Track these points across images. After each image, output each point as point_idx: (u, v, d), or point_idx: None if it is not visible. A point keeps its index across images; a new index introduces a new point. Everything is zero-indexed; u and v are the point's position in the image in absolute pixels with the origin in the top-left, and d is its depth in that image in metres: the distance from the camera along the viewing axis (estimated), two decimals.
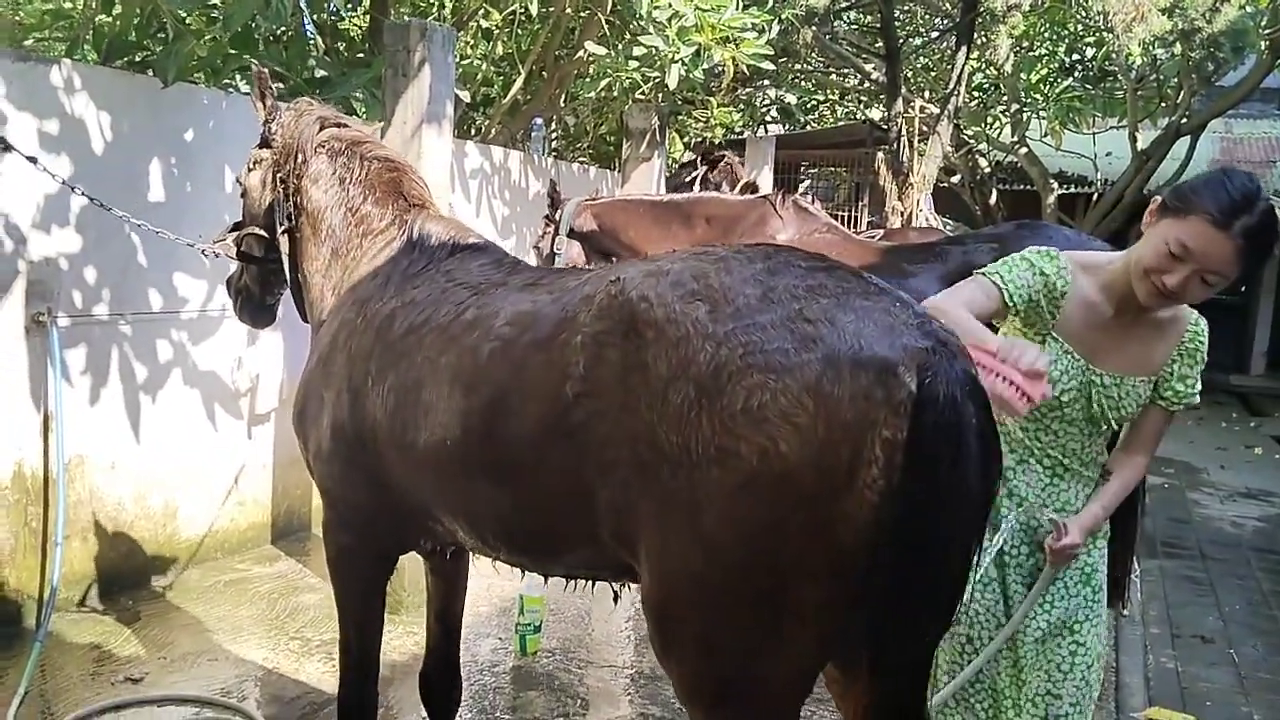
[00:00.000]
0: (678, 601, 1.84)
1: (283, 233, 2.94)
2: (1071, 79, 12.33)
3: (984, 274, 2.27)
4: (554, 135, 9.90)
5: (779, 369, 1.65)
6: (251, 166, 3.06)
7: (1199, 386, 2.33)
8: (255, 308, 3.25)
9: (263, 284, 3.18)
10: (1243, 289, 15.38)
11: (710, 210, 4.82)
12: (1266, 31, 9.71)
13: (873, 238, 5.88)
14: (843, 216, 10.36)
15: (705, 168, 7.05)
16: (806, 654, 1.80)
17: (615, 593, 2.39)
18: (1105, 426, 2.33)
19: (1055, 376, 2.22)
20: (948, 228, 9.09)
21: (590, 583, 2.34)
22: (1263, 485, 8.40)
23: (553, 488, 2.00)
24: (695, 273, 1.85)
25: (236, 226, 3.14)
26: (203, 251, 3.28)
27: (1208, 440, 10.37)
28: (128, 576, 4.48)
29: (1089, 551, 2.40)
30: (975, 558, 1.82)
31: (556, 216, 5.06)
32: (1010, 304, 2.24)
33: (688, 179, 7.12)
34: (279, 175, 2.93)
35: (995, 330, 2.37)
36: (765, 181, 8.88)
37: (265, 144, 3.01)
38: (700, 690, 1.89)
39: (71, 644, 3.92)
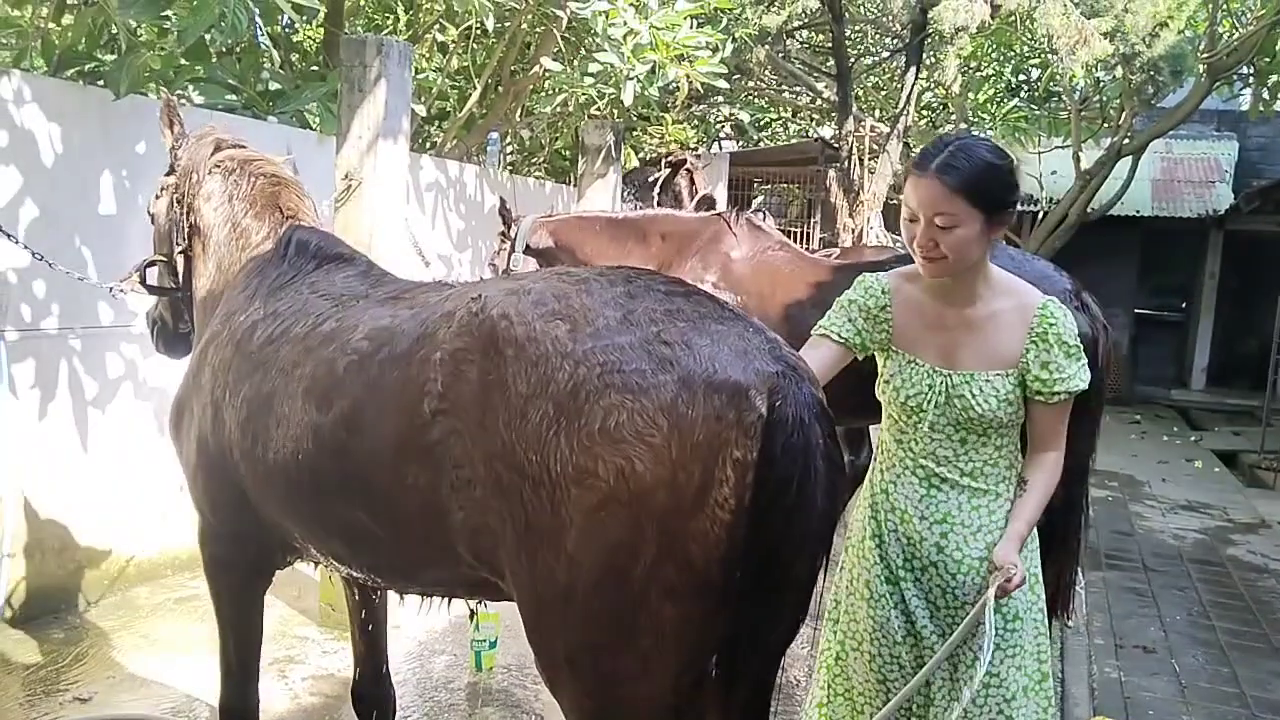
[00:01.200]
0: (546, 622, 1.85)
1: (179, 253, 2.97)
2: (1017, 99, 12.62)
3: (814, 332, 2.37)
4: (510, 150, 9.92)
5: (636, 389, 1.69)
6: (158, 194, 3.09)
7: (1070, 372, 2.23)
8: (170, 337, 3.26)
9: (174, 312, 3.19)
10: (1184, 305, 15.76)
11: (665, 227, 4.86)
12: (1204, 56, 10.02)
13: (829, 255, 5.95)
14: (795, 233, 10.46)
15: (668, 170, 7.11)
16: (673, 672, 1.81)
17: (471, 610, 2.33)
18: (972, 431, 2.27)
19: (900, 385, 2.31)
20: (898, 245, 9.21)
21: (447, 602, 2.33)
22: (1202, 498, 8.59)
23: (407, 505, 1.99)
24: (556, 293, 1.87)
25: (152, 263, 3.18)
26: (110, 290, 3.29)
27: (1150, 454, 10.59)
28: (75, 594, 4.42)
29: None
30: (823, 571, 1.87)
31: (511, 233, 5.07)
32: (848, 343, 2.33)
33: (650, 179, 7.18)
34: (176, 198, 2.97)
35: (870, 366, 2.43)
36: (720, 197, 8.96)
37: (171, 170, 3.05)
38: (580, 712, 1.89)
39: (17, 663, 3.85)
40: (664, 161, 7.38)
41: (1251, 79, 10.86)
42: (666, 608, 1.73)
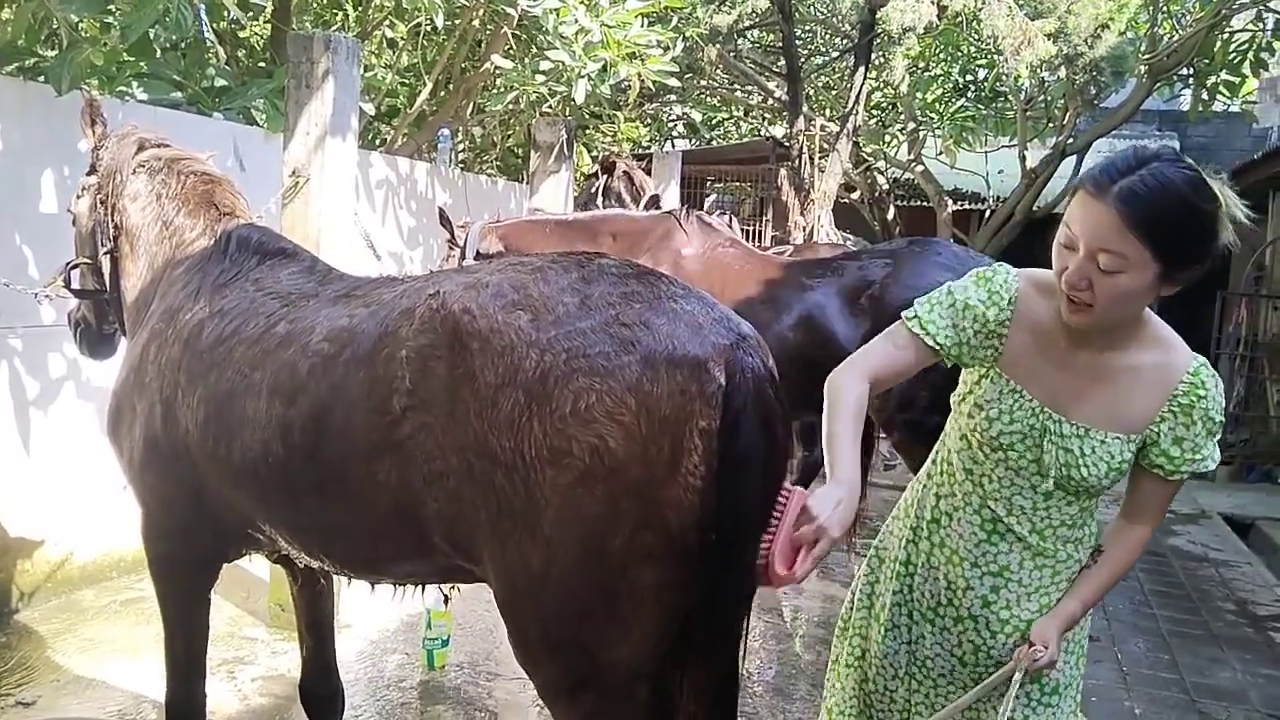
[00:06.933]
0: (523, 601, 1.92)
1: (104, 254, 2.95)
2: (964, 99, 12.75)
3: (905, 318, 1.99)
4: (461, 147, 9.88)
5: (602, 372, 1.77)
6: (80, 194, 3.05)
7: (1206, 453, 1.88)
8: (94, 338, 3.23)
9: (98, 313, 3.15)
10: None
11: (616, 227, 4.87)
12: (1145, 57, 10.24)
13: (782, 253, 5.99)
14: (747, 231, 10.51)
15: (605, 176, 7.11)
16: (652, 636, 1.90)
17: (445, 595, 2.40)
18: (1062, 488, 1.94)
19: (994, 416, 1.95)
20: (848, 242, 9.32)
21: (421, 588, 2.41)
22: None
23: (380, 501, 2.03)
24: (514, 283, 1.93)
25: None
26: (35, 296, 3.25)
27: None
28: (17, 596, 4.33)
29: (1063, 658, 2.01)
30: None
31: (458, 240, 5.03)
32: (942, 350, 1.96)
33: (592, 190, 7.18)
34: (100, 198, 2.94)
35: (947, 371, 2.08)
36: (673, 195, 8.98)
37: (93, 170, 3.02)
38: (556, 686, 1.97)
39: None
40: (598, 167, 7.36)
41: (1191, 80, 11.09)
42: (646, 573, 1.82)
